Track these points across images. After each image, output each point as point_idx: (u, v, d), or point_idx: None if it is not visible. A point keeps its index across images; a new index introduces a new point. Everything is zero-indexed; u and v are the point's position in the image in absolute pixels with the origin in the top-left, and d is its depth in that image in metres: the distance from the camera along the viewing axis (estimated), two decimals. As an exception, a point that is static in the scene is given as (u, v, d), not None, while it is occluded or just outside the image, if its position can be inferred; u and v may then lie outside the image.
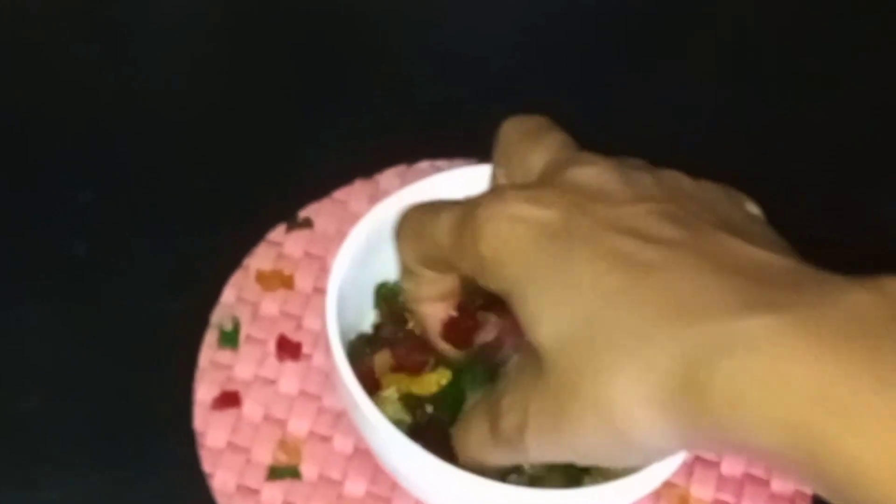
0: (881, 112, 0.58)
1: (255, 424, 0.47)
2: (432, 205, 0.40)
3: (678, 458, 0.40)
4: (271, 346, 0.49)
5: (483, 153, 0.42)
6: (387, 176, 0.53)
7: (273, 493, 0.46)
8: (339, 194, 0.53)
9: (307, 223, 0.52)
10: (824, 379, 0.29)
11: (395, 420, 0.41)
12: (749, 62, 0.60)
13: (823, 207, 0.54)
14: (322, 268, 0.51)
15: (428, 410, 0.43)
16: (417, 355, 0.44)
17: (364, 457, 0.47)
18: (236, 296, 0.50)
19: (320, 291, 0.49)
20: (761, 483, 0.48)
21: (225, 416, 0.47)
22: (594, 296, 0.33)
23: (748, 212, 0.37)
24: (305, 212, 0.52)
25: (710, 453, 0.47)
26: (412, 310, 0.44)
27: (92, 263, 0.51)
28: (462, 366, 0.44)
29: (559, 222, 0.35)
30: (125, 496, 0.46)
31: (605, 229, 0.34)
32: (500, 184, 0.40)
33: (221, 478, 0.46)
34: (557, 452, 0.35)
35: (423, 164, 0.54)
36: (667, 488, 0.46)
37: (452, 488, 0.40)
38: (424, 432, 0.42)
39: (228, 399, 0.47)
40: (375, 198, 0.51)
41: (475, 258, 0.36)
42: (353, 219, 0.45)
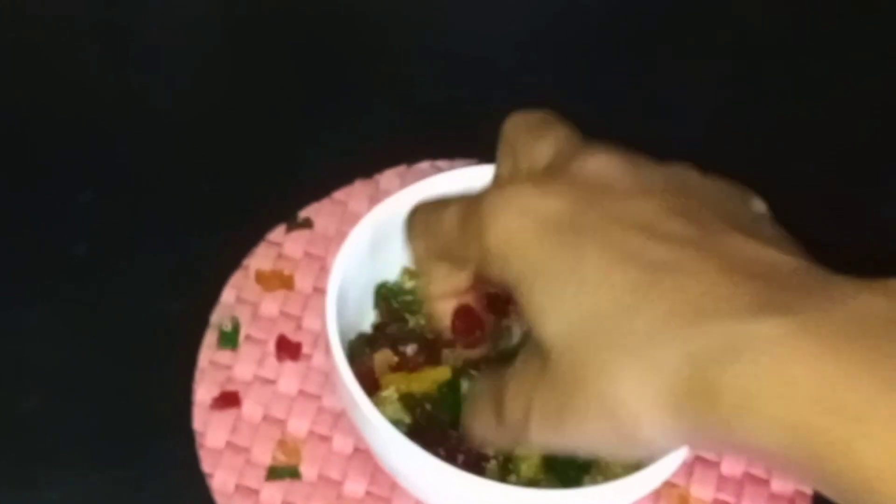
0: (881, 112, 0.58)
1: (255, 424, 0.47)
2: (441, 199, 0.40)
3: (678, 458, 0.40)
4: (271, 347, 0.49)
5: (483, 153, 0.42)
6: (387, 176, 0.53)
7: (272, 493, 0.46)
8: (339, 194, 0.53)
9: (307, 223, 0.52)
10: (831, 382, 0.29)
11: (395, 420, 0.41)
12: (749, 62, 0.60)
13: (824, 208, 0.54)
14: (322, 268, 0.50)
15: (427, 410, 0.43)
16: (423, 354, 0.44)
17: (364, 457, 0.47)
18: (236, 296, 0.50)
19: (320, 291, 0.49)
20: (761, 483, 0.48)
21: (224, 417, 0.47)
22: (601, 292, 0.33)
23: (755, 208, 0.37)
24: (305, 212, 0.52)
25: (711, 453, 0.47)
26: (425, 308, 0.44)
27: (92, 264, 0.51)
28: (462, 367, 0.44)
29: (566, 215, 0.34)
30: (125, 496, 0.46)
31: (613, 223, 0.34)
32: (506, 176, 0.40)
33: (221, 478, 0.46)
34: (560, 443, 0.35)
35: (424, 165, 0.54)
36: (667, 488, 0.46)
37: (452, 488, 0.40)
38: (424, 432, 0.42)
39: (228, 399, 0.47)
40: (375, 198, 0.51)
41: (482, 250, 0.36)
42: (353, 219, 0.45)
